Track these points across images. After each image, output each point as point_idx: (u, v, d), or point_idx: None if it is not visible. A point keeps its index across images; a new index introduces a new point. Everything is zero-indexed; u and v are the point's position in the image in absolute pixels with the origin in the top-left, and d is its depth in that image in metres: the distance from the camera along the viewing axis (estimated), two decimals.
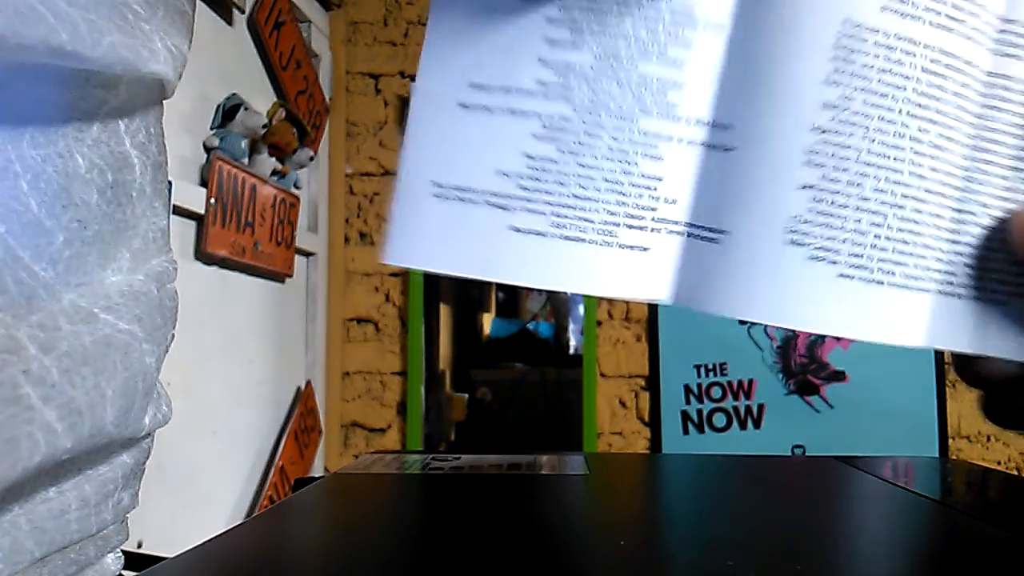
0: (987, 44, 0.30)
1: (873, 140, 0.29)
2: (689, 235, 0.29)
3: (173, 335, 0.26)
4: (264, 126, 1.37)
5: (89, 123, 0.21)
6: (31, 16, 0.18)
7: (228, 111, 1.30)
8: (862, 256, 0.29)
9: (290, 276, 1.53)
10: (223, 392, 1.33)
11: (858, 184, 0.29)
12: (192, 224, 1.22)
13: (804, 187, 0.28)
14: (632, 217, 0.28)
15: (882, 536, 0.32)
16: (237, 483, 1.40)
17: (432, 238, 0.28)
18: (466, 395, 2.25)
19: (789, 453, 1.71)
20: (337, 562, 0.26)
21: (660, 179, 0.28)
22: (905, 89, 0.28)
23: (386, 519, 0.35)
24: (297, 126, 1.47)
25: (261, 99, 1.45)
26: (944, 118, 0.29)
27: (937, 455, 0.66)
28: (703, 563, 0.28)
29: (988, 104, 0.30)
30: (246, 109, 1.32)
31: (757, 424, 1.76)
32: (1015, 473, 1.57)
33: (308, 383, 1.68)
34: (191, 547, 0.26)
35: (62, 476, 0.21)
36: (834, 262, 0.29)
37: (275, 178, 1.44)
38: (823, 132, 0.28)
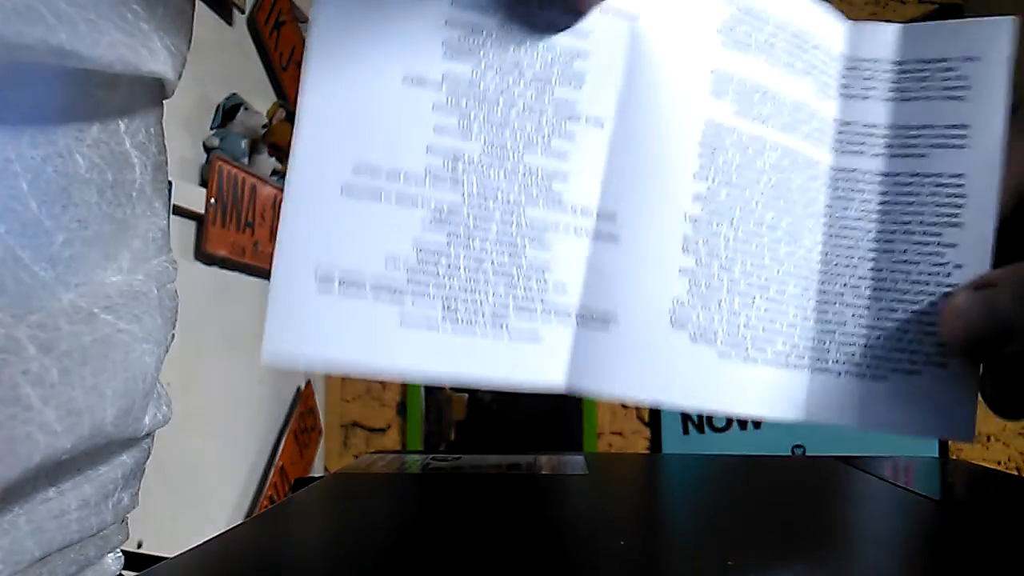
0: (827, 143, 0.33)
1: (737, 228, 0.31)
2: (579, 323, 0.29)
3: (173, 335, 0.26)
4: (264, 126, 1.37)
5: (89, 123, 0.21)
6: (30, 15, 0.18)
7: (228, 111, 1.30)
8: (737, 335, 0.31)
9: None
10: (223, 392, 1.33)
11: (728, 268, 0.31)
12: (192, 224, 1.22)
13: (682, 271, 0.30)
14: (522, 307, 0.28)
15: (882, 536, 0.32)
16: (237, 483, 1.40)
17: (315, 334, 0.26)
18: (466, 395, 2.24)
19: (789, 453, 1.71)
20: (337, 562, 0.26)
21: (548, 268, 0.29)
22: (759, 183, 0.31)
23: (386, 519, 0.35)
24: None
25: (261, 99, 1.45)
26: (795, 207, 0.32)
27: (937, 455, 0.66)
28: (703, 563, 0.28)
29: (837, 196, 0.33)
30: (246, 109, 1.32)
31: (757, 424, 1.76)
32: (1015, 473, 1.56)
33: (308, 383, 1.68)
34: (191, 547, 0.26)
35: (62, 476, 0.21)
36: (713, 342, 0.30)
37: (275, 178, 1.44)
38: (695, 221, 0.30)
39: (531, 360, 0.29)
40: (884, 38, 0.33)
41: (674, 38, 0.30)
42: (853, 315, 0.33)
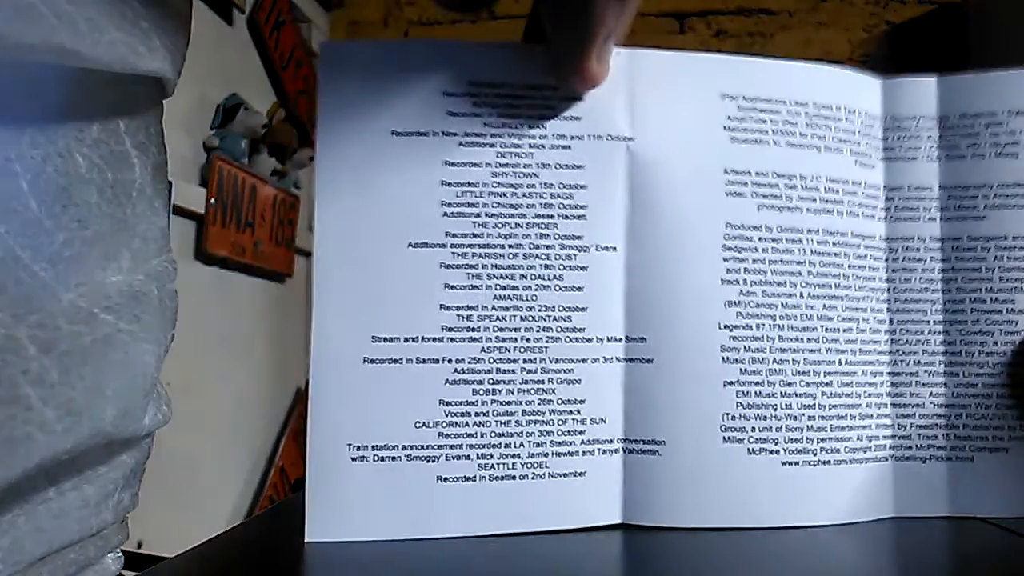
0: (875, 214, 0.31)
1: (782, 327, 0.29)
2: (626, 451, 0.28)
3: (173, 335, 0.26)
4: (264, 126, 1.37)
5: (89, 123, 0.21)
6: (31, 14, 0.18)
7: (228, 111, 1.30)
8: (801, 440, 0.29)
9: (290, 276, 1.53)
10: (223, 392, 1.33)
11: (779, 371, 0.29)
12: (192, 224, 1.22)
13: (727, 384, 0.29)
14: (560, 444, 0.28)
15: (882, 535, 0.32)
16: (237, 483, 1.40)
17: (357, 506, 0.27)
18: None
19: None
20: (337, 562, 0.26)
21: (583, 401, 0.28)
22: (800, 274, 0.30)
23: None
24: (297, 126, 1.47)
25: (261, 99, 1.45)
26: (848, 291, 0.30)
27: None
28: (702, 563, 0.28)
29: (896, 268, 0.31)
30: (246, 109, 1.32)
31: None
32: None
33: (308, 383, 1.67)
34: (191, 547, 0.26)
35: (62, 476, 0.21)
36: (774, 451, 0.29)
37: (275, 178, 1.44)
38: (732, 329, 0.29)
39: (579, 497, 0.28)
40: (923, 93, 0.32)
41: (675, 148, 0.29)
42: (931, 394, 0.31)
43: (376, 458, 0.27)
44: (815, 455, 0.29)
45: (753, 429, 0.29)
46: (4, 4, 0.17)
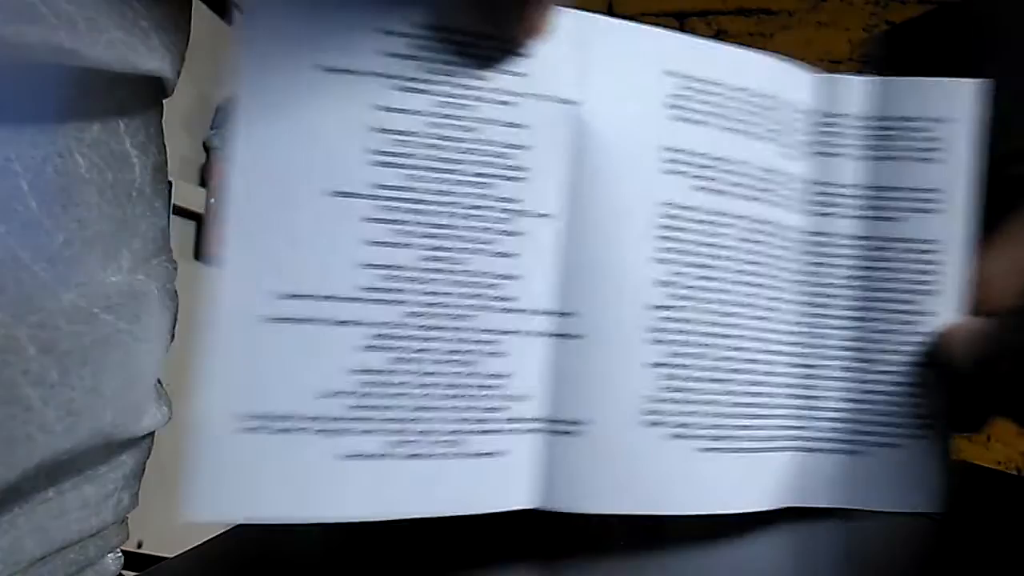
0: (798, 207, 0.31)
1: (708, 312, 0.29)
2: (548, 431, 0.27)
3: (173, 335, 0.26)
4: None
5: (90, 123, 0.21)
6: (31, 14, 0.18)
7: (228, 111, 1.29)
8: (719, 427, 0.29)
9: None
10: None
11: (703, 356, 0.29)
12: (192, 224, 1.22)
13: (654, 365, 0.28)
14: (482, 421, 0.26)
15: (880, 536, 0.32)
16: None
17: (247, 481, 0.24)
18: None
19: None
20: (337, 561, 0.26)
21: (508, 376, 0.26)
22: (728, 259, 0.29)
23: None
24: None
25: None
26: (770, 281, 0.30)
27: None
28: (699, 561, 0.28)
29: (813, 262, 0.31)
30: None
31: None
32: (1015, 473, 1.57)
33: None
34: (191, 547, 0.26)
35: (62, 476, 0.21)
36: (694, 437, 0.28)
37: None
38: (662, 309, 0.28)
39: (497, 480, 0.26)
40: (853, 92, 0.32)
41: (619, 119, 0.28)
42: (836, 389, 0.32)
43: (274, 429, 0.24)
44: (730, 443, 0.29)
45: (676, 414, 0.28)
46: (3, 4, 0.17)
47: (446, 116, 0.26)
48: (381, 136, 0.25)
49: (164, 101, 0.26)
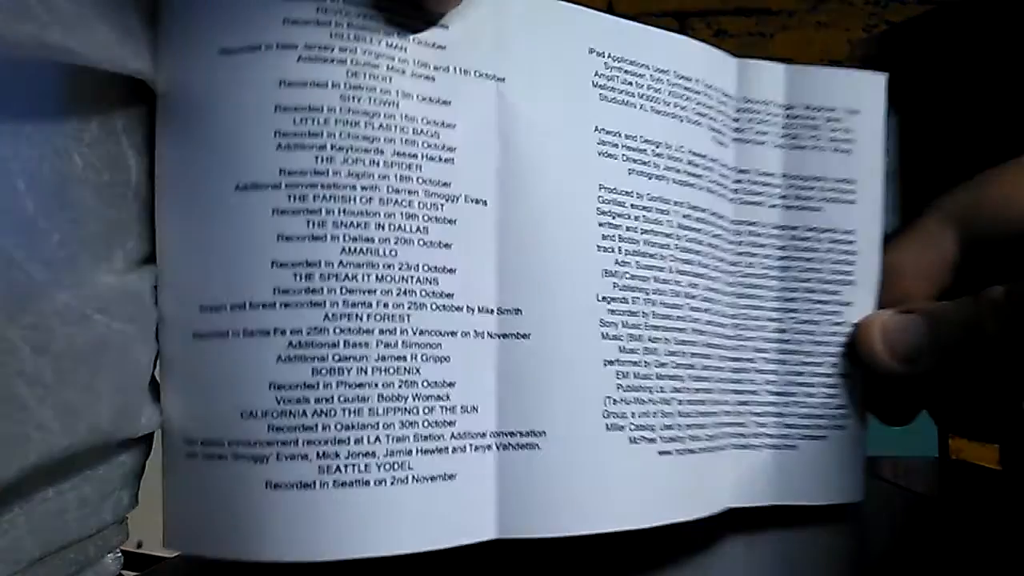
0: (727, 194, 0.30)
1: (655, 303, 0.27)
2: (501, 447, 0.24)
3: None
4: None
5: (88, 122, 0.21)
6: (24, 12, 0.18)
7: None
8: (673, 426, 0.27)
9: None
10: None
11: (654, 350, 0.27)
12: None
13: (607, 363, 0.26)
14: (427, 439, 0.23)
15: (881, 536, 0.32)
16: None
17: (189, 513, 0.22)
18: None
19: None
20: (336, 560, 0.26)
21: (452, 384, 0.23)
22: (669, 247, 0.28)
23: None
24: None
25: None
26: (707, 270, 0.29)
27: (937, 455, 0.66)
28: (696, 561, 0.28)
29: (740, 251, 0.31)
30: None
31: None
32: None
33: None
34: None
35: (61, 476, 0.21)
36: (652, 440, 0.27)
37: None
38: (610, 301, 0.26)
39: (449, 507, 0.23)
40: (773, 79, 0.32)
41: (547, 98, 0.26)
42: (765, 382, 0.31)
43: (204, 455, 0.22)
44: (683, 443, 0.28)
45: (633, 415, 0.26)
46: (2, 4, 0.17)
47: (360, 88, 0.22)
48: (287, 115, 0.22)
49: None
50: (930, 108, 0.57)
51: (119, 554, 0.26)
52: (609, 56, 0.27)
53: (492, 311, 0.25)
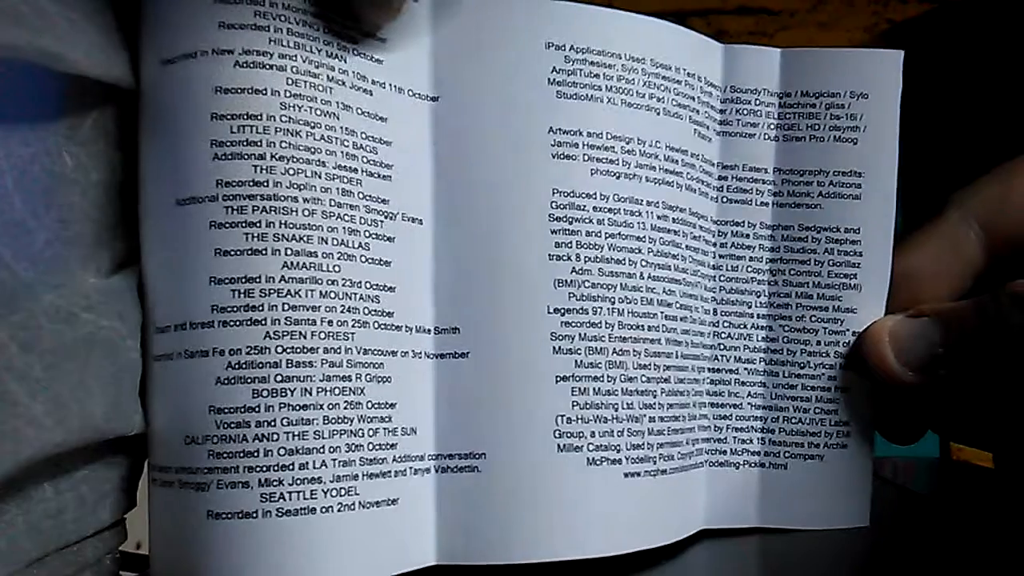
0: (709, 192, 0.28)
1: (622, 312, 0.25)
2: (439, 470, 0.24)
3: None
4: None
5: (81, 121, 0.21)
6: (19, 19, 0.18)
7: None
8: (642, 446, 0.25)
9: None
10: None
11: (620, 364, 0.25)
12: None
13: (560, 379, 0.24)
14: (372, 462, 0.22)
15: (881, 536, 0.32)
16: None
17: (154, 541, 0.22)
18: None
19: None
20: None
21: (394, 405, 0.23)
22: (640, 251, 0.26)
23: None
24: None
25: None
26: (685, 275, 0.27)
27: (937, 455, 0.66)
28: (695, 560, 0.28)
29: (725, 254, 0.29)
30: None
31: None
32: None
33: None
34: None
35: (59, 476, 0.21)
36: (616, 461, 0.25)
37: None
38: (564, 312, 0.25)
39: (392, 533, 0.22)
40: (766, 64, 0.29)
41: (495, 106, 0.25)
42: (749, 395, 0.29)
43: (161, 482, 0.22)
44: (654, 463, 0.26)
45: (593, 434, 0.24)
46: None
47: (301, 96, 0.22)
48: (223, 123, 0.21)
49: None
50: (931, 108, 0.56)
51: (117, 555, 0.26)
52: (571, 48, 0.25)
53: (429, 331, 0.24)
